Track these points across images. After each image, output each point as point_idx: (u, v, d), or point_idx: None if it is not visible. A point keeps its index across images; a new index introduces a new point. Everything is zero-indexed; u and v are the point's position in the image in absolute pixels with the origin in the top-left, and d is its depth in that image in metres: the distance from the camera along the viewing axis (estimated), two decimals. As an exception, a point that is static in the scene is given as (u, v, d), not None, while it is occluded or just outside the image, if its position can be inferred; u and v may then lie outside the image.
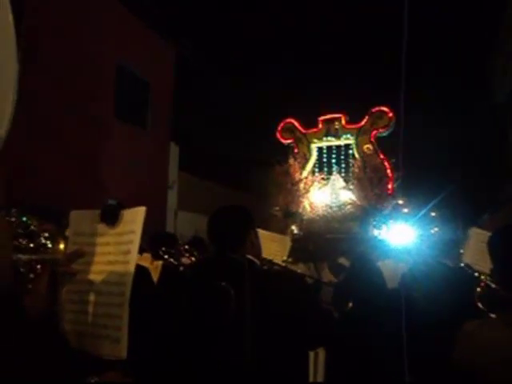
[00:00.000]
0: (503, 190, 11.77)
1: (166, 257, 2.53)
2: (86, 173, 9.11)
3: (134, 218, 1.23)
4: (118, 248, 1.23)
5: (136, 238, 1.21)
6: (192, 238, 3.49)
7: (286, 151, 11.37)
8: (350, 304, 2.93)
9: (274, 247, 2.63)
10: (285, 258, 2.89)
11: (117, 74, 10.41)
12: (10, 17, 1.16)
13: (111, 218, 1.24)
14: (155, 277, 2.63)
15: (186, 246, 2.73)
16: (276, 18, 14.54)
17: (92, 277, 1.24)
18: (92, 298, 1.23)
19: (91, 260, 1.22)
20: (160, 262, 2.88)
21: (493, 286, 1.93)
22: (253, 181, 15.59)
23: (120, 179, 9.92)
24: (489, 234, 1.79)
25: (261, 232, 1.95)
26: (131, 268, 1.20)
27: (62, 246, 1.16)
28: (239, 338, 1.53)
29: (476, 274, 2.15)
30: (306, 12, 14.33)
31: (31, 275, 1.02)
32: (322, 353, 2.65)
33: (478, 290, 1.96)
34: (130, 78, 10.83)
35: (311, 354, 2.64)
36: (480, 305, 1.84)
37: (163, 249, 2.54)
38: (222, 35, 14.56)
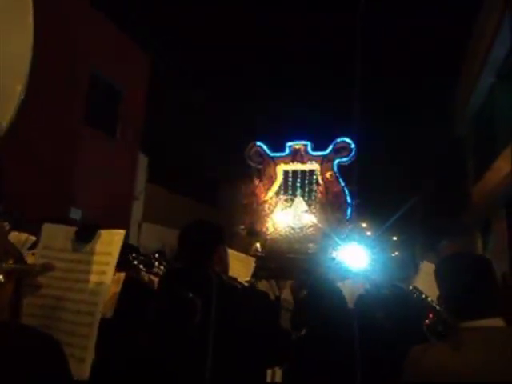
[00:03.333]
0: (460, 217, 12.25)
1: (135, 263, 2.52)
2: (51, 177, 8.90)
3: (112, 239, 1.24)
4: (91, 267, 1.22)
5: (113, 260, 1.21)
6: (156, 252, 3.48)
7: (252, 171, 11.96)
8: (304, 331, 3.01)
9: (238, 267, 2.67)
10: (248, 278, 2.94)
11: (90, 82, 10.31)
12: (31, 18, 1.17)
13: (87, 236, 1.24)
14: (117, 288, 2.59)
15: (156, 255, 2.72)
16: (252, 37, 14.83)
17: (59, 292, 1.22)
18: (57, 313, 1.21)
19: (59, 275, 1.21)
20: (122, 274, 2.85)
21: (437, 308, 2.03)
22: (218, 196, 15.63)
23: (86, 186, 9.73)
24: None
25: (228, 250, 2.00)
26: (105, 289, 1.19)
27: (29, 257, 1.18)
28: (202, 351, 1.56)
29: (423, 296, 2.27)
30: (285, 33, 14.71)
31: None
32: (278, 372, 2.70)
33: (427, 321, 2.06)
34: (103, 86, 10.75)
35: (268, 373, 2.68)
36: (428, 334, 1.94)
37: (134, 255, 2.52)
38: (199, 50, 14.69)
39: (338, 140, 11.82)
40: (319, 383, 2.69)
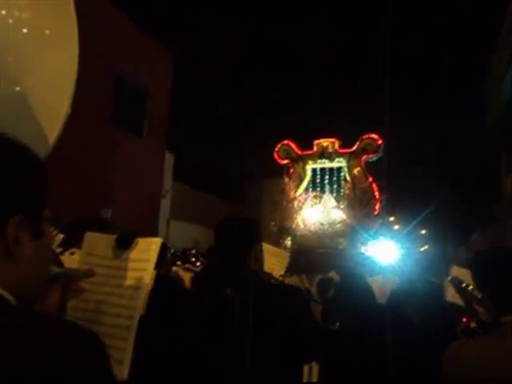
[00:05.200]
0: (492, 209, 11.94)
1: (177, 262, 2.57)
2: (82, 178, 9.12)
3: (149, 247, 1.27)
4: (129, 273, 1.26)
5: (150, 267, 1.25)
6: (192, 248, 3.53)
7: (279, 168, 12.15)
8: (338, 323, 3.01)
9: (272, 261, 2.69)
10: (281, 272, 2.96)
11: (116, 82, 10.49)
12: (76, 29, 1.20)
13: (126, 243, 1.28)
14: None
15: (193, 251, 2.77)
16: (278, 36, 14.79)
17: (100, 297, 1.26)
18: (98, 317, 1.24)
19: (100, 281, 1.25)
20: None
21: (479, 296, 1.99)
22: (245, 193, 15.71)
23: (115, 186, 9.94)
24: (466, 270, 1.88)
25: (263, 244, 2.00)
26: (142, 294, 1.23)
27: (67, 257, 1.22)
28: (240, 348, 1.58)
29: (463, 285, 2.23)
30: (307, 35, 14.63)
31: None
32: (315, 368, 2.70)
33: (461, 325, 2.04)
34: (128, 86, 10.92)
35: (305, 369, 2.70)
36: (462, 336, 1.92)
37: (172, 252, 2.57)
38: (223, 49, 14.75)
39: (365, 136, 11.81)
40: (351, 377, 2.70)
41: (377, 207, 10.72)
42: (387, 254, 3.64)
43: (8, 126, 0.83)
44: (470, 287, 2.19)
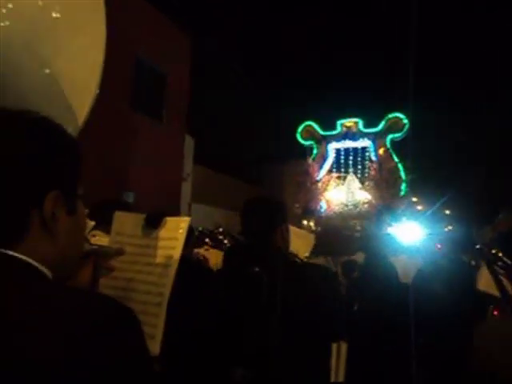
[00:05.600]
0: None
1: (206, 240, 2.61)
2: (103, 164, 9.25)
3: (178, 225, 1.29)
4: (159, 251, 1.29)
5: (179, 245, 1.27)
6: (218, 227, 3.57)
7: (300, 149, 12.04)
8: (356, 306, 3.03)
9: (298, 242, 2.69)
10: (307, 254, 2.97)
11: (136, 68, 10.52)
12: (103, 8, 1.20)
13: (155, 222, 1.30)
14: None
15: (221, 229, 2.80)
16: (299, 19, 14.51)
17: (130, 275, 1.29)
18: (129, 294, 1.27)
19: (130, 259, 1.26)
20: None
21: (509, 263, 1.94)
22: (265, 176, 15.70)
23: (136, 170, 10.06)
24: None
25: (289, 227, 2.01)
26: (172, 272, 1.25)
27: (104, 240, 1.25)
28: (268, 325, 1.60)
29: (493, 251, 2.18)
30: (328, 17, 14.28)
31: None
32: (343, 346, 2.73)
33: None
34: (147, 71, 10.93)
35: (334, 347, 2.72)
36: None
37: (200, 230, 2.61)
38: (243, 31, 14.56)
39: (390, 115, 11.64)
40: (379, 355, 2.71)
41: (403, 187, 10.57)
42: (412, 234, 3.61)
43: (39, 107, 0.85)
44: (500, 254, 2.14)
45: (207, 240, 2.71)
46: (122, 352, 0.70)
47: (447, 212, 11.49)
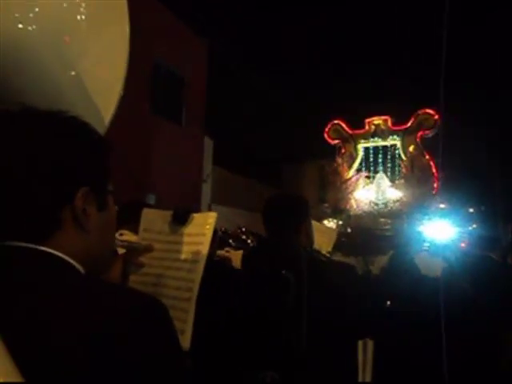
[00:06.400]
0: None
1: (230, 241, 2.58)
2: (124, 168, 9.37)
3: (205, 221, 1.30)
4: (187, 247, 1.30)
5: (206, 241, 1.28)
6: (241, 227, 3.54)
7: (320, 149, 11.90)
8: (389, 302, 2.98)
9: (320, 238, 2.67)
10: (329, 249, 2.94)
11: (154, 71, 10.64)
12: (126, 8, 1.22)
13: (182, 219, 1.32)
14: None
15: (243, 229, 2.76)
16: (316, 16, 14.38)
17: (159, 271, 1.30)
18: (158, 290, 1.28)
19: (158, 255, 1.28)
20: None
21: None
22: (285, 176, 15.67)
23: (157, 173, 10.17)
24: None
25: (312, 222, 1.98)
26: (200, 267, 1.26)
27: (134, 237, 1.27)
28: (296, 326, 1.59)
29: None
30: (348, 13, 14.12)
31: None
32: (370, 343, 2.70)
33: None
34: (165, 74, 11.05)
35: (360, 344, 2.69)
36: None
37: (222, 230, 2.58)
38: (259, 31, 14.52)
39: (420, 112, 11.31)
40: (405, 352, 2.67)
41: (435, 185, 10.34)
42: (441, 232, 3.57)
43: (66, 109, 0.86)
44: None
45: (230, 241, 2.69)
46: (156, 345, 0.71)
47: (471, 210, 11.27)
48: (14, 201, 0.76)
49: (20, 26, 1.11)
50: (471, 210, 11.28)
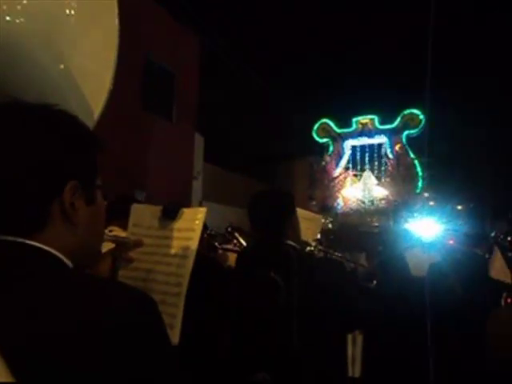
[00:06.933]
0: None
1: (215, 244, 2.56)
2: (114, 164, 9.30)
3: (194, 216, 1.30)
4: (176, 242, 1.30)
5: (195, 236, 1.28)
6: (228, 227, 3.53)
7: (311, 147, 12.10)
8: (375, 281, 3.02)
9: (306, 225, 2.65)
10: (316, 237, 2.93)
11: (145, 68, 10.57)
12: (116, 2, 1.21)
13: (172, 214, 1.31)
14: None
15: (229, 229, 2.73)
16: (308, 15, 14.40)
17: (148, 266, 1.30)
18: (148, 285, 1.28)
19: (148, 251, 1.28)
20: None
21: None
22: (275, 173, 15.69)
23: (147, 169, 10.12)
24: None
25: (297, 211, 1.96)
26: (189, 262, 1.27)
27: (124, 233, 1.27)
28: (287, 326, 1.58)
29: (509, 238, 2.16)
30: (338, 14, 14.16)
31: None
32: (359, 337, 2.71)
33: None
34: (157, 71, 10.97)
35: (349, 338, 2.71)
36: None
37: (209, 231, 2.55)
38: (251, 27, 14.50)
39: (406, 112, 11.72)
40: (394, 347, 2.69)
41: (420, 184, 10.57)
42: (428, 229, 3.59)
43: (55, 102, 0.86)
44: None
45: (216, 244, 2.66)
46: (145, 339, 0.71)
47: (459, 207, 11.36)
48: (0, 194, 0.75)
49: (7, 18, 1.10)
50: (459, 208, 11.38)
